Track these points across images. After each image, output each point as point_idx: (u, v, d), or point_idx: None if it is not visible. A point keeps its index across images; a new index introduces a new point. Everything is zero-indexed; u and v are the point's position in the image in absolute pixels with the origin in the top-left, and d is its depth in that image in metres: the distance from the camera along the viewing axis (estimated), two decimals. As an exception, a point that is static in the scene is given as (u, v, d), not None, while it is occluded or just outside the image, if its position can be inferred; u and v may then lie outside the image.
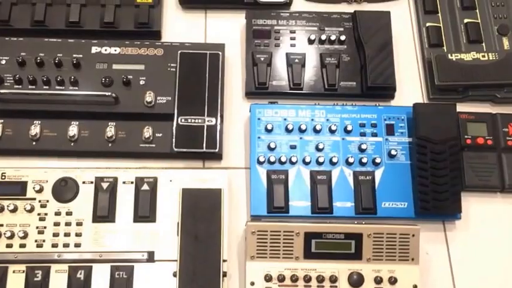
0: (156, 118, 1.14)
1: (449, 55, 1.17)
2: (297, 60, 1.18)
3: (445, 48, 1.21)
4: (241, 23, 1.25)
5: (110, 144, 1.13)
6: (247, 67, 1.19)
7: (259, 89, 1.18)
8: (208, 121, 1.11)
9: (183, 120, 1.12)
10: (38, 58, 1.16)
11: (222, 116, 1.14)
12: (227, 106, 1.18)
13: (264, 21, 1.22)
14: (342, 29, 1.21)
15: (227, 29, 1.26)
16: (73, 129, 1.12)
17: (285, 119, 1.12)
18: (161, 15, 1.26)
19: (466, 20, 1.23)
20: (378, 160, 1.08)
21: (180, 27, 1.27)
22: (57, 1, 1.24)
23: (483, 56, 1.16)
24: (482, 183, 1.08)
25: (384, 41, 1.17)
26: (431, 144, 1.06)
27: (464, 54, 1.17)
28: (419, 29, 1.24)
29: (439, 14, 1.25)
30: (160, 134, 1.14)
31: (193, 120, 1.11)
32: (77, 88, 1.15)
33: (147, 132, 1.13)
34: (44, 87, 1.15)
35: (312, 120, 1.12)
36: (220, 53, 1.16)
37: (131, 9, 1.24)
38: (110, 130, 1.13)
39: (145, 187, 1.07)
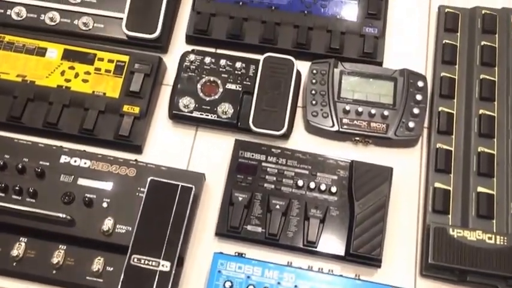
0: (110, 249, 1.01)
1: (450, 230, 1.00)
2: (278, 207, 1.04)
3: (450, 217, 1.04)
4: (230, 148, 1.11)
5: (54, 271, 1.01)
6: (222, 205, 1.05)
7: (230, 232, 1.04)
8: (162, 265, 0.98)
9: (135, 260, 0.98)
10: (1, 161, 1.06)
11: (181, 259, 1.00)
12: (194, 243, 1.05)
13: (252, 155, 1.09)
14: (335, 177, 1.06)
15: (215, 151, 1.14)
16: (19, 247, 1.01)
17: (248, 277, 0.98)
18: (147, 126, 1.14)
19: (479, 189, 1.06)
20: None
21: (165, 142, 1.15)
22: (39, 97, 1.14)
23: (489, 238, 0.99)
24: None
25: (378, 203, 1.01)
26: None
27: (468, 232, 0.99)
28: (426, 189, 1.07)
29: (451, 175, 1.07)
30: (112, 269, 1.01)
31: (146, 262, 0.98)
32: (34, 201, 1.04)
33: (98, 264, 1.00)
34: (0, 194, 1.04)
35: (279, 284, 0.97)
36: (193, 187, 1.03)
37: (115, 118, 1.13)
38: (59, 254, 1.01)
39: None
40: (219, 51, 1.23)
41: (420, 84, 1.13)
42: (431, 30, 1.25)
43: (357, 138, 1.12)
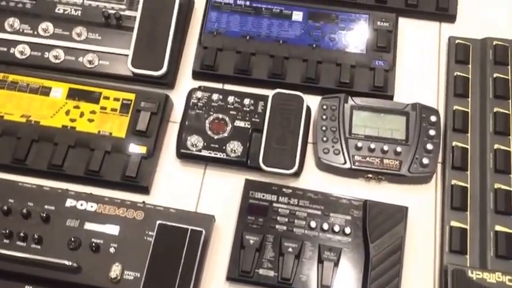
0: (119, 297, 0.97)
1: (469, 272, 0.95)
2: (290, 250, 1.00)
3: (468, 257, 1.00)
4: (241, 190, 1.07)
5: (58, 323, 0.96)
6: (233, 248, 1.01)
7: (242, 277, 1.00)
8: (173, 315, 0.93)
9: (144, 309, 0.94)
10: (5, 206, 1.02)
11: (192, 307, 0.96)
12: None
13: (263, 196, 1.05)
14: (349, 218, 1.02)
15: (224, 191, 1.10)
16: (25, 296, 0.97)
17: (261, 324, 0.93)
18: (154, 166, 1.10)
19: (497, 228, 1.02)
20: None
21: (173, 181, 1.11)
22: (44, 138, 1.10)
23: (510, 281, 0.95)
24: None
25: (394, 245, 0.98)
26: None
27: (487, 274, 0.95)
28: (442, 228, 1.03)
29: (468, 212, 1.04)
30: (120, 318, 0.96)
31: (155, 312, 0.94)
32: (39, 247, 1.00)
33: (106, 312, 0.96)
34: (4, 240, 1.00)
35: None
36: (203, 230, 0.99)
37: (121, 158, 1.10)
38: (64, 304, 0.96)
39: None
40: (227, 86, 1.20)
41: (433, 118, 1.10)
42: (442, 61, 1.22)
43: (370, 176, 1.08)
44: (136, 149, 1.10)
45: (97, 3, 1.23)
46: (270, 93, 1.14)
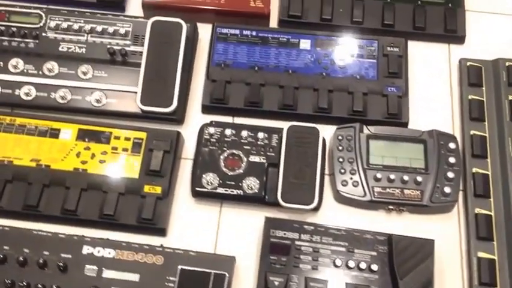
0: None
1: (500, 303, 0.92)
2: (317, 289, 0.95)
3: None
4: (260, 224, 1.04)
5: None
6: (258, 292, 0.97)
7: (269, 319, 0.95)
8: None
9: None
10: (21, 257, 0.97)
11: None
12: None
13: (285, 234, 1.01)
14: (374, 253, 0.99)
15: (243, 229, 1.06)
16: None
17: None
18: (169, 207, 1.06)
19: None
20: None
21: (189, 221, 1.07)
22: (56, 182, 1.06)
23: (544, 312, 0.91)
24: None
25: (423, 281, 0.94)
26: None
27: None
28: (470, 260, 1.00)
29: (494, 242, 1.00)
30: None
31: None
32: (58, 300, 0.95)
33: None
34: (22, 294, 0.95)
35: None
36: (226, 274, 0.95)
37: (136, 200, 1.05)
38: None
39: None
40: (237, 119, 1.16)
41: (452, 145, 1.07)
42: (454, 84, 1.19)
43: (391, 207, 1.04)
44: (151, 189, 1.05)
45: (101, 40, 1.18)
46: (282, 124, 1.11)
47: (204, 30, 1.22)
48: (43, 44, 1.18)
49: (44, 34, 1.19)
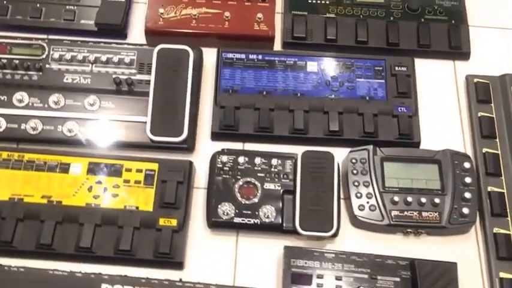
0: None
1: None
2: (341, 320, 0.93)
3: (519, 307, 0.95)
4: (278, 256, 1.01)
5: None
6: (282, 324, 0.94)
7: None
8: None
9: None
10: (39, 300, 0.94)
11: None
12: None
13: (305, 263, 0.99)
14: (397, 279, 0.97)
15: (260, 259, 1.04)
16: None
17: None
18: (186, 239, 1.03)
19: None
20: None
21: (206, 253, 1.05)
22: (68, 218, 1.03)
23: None
24: None
25: (449, 308, 0.92)
26: None
27: (546, 327, 0.90)
28: (492, 282, 0.99)
29: (514, 262, 0.99)
30: None
31: None
32: None
33: None
34: (41, 338, 0.92)
35: None
36: (250, 309, 0.92)
37: (151, 233, 1.02)
38: None
39: None
40: (247, 145, 1.14)
41: (467, 165, 1.05)
42: (462, 101, 1.18)
43: (409, 230, 1.03)
44: (166, 222, 1.02)
45: (106, 69, 1.16)
46: (293, 149, 1.10)
47: (209, 54, 1.19)
48: (47, 76, 1.15)
49: (47, 66, 1.15)
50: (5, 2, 1.23)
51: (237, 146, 1.13)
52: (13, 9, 1.22)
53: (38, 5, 1.23)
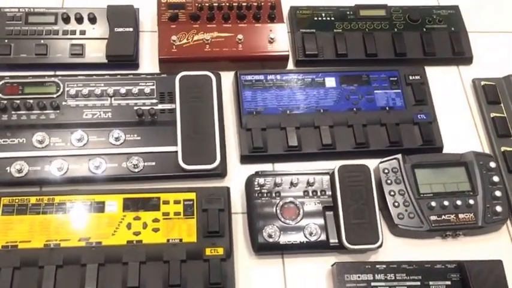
0: None
1: None
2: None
3: None
4: (325, 273, 1.00)
5: None
6: None
7: None
8: None
9: None
10: None
11: None
12: None
13: (359, 277, 0.98)
14: (449, 283, 0.97)
15: (310, 279, 1.02)
16: None
17: None
18: (233, 266, 1.00)
19: None
20: None
21: (254, 278, 1.02)
22: (111, 259, 0.98)
23: None
24: None
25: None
26: None
27: None
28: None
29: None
30: None
31: None
32: None
33: None
34: None
35: None
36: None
37: (199, 265, 0.98)
38: None
39: None
40: (277, 165, 1.11)
41: (492, 165, 1.07)
42: (472, 103, 1.21)
43: (448, 233, 1.03)
44: (213, 251, 0.98)
45: (126, 102, 1.11)
46: (323, 165, 1.09)
47: (224, 78, 1.16)
48: (65, 114, 1.09)
49: (64, 103, 1.09)
50: (6, 40, 1.15)
51: (267, 167, 1.10)
52: (16, 48, 1.15)
53: (42, 41, 1.16)
